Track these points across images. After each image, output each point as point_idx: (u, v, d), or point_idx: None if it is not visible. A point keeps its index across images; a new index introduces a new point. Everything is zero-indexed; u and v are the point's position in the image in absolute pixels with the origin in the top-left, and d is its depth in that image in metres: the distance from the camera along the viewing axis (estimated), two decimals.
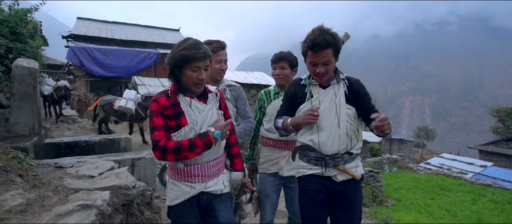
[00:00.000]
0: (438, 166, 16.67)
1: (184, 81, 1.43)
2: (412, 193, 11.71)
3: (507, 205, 10.44)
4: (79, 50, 14.52)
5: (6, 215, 1.14)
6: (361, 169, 1.75)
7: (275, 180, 2.20)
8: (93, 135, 6.57)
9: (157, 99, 1.43)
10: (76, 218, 1.11)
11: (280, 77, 2.17)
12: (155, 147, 1.35)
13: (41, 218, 1.14)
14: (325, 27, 1.61)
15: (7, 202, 1.21)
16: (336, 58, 1.64)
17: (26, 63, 3.88)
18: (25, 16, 5.08)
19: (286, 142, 2.14)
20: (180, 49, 1.39)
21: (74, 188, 1.53)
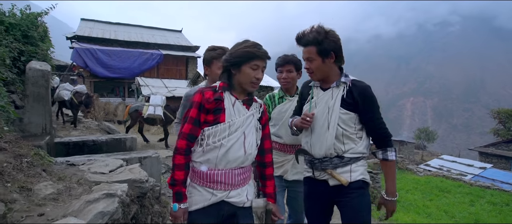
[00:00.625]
0: (438, 167, 16.79)
1: (240, 79, 1.42)
2: (411, 194, 11.83)
3: (505, 206, 10.56)
4: (83, 51, 14.77)
5: (42, 202, 1.33)
6: (357, 175, 1.63)
7: (280, 183, 2.18)
8: (99, 135, 6.77)
9: (203, 91, 1.43)
10: (103, 205, 1.30)
11: (287, 81, 2.15)
12: (179, 138, 1.40)
13: (72, 204, 1.33)
14: (321, 26, 1.60)
15: (41, 191, 1.40)
16: (322, 57, 1.60)
17: (39, 65, 4.08)
18: (36, 19, 5.28)
19: (291, 146, 2.14)
20: (242, 46, 1.42)
21: (95, 181, 1.73)
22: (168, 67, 17.46)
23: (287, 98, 2.19)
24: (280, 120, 2.15)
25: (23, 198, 1.30)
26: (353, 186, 1.62)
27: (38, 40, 5.18)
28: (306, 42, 1.61)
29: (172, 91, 13.87)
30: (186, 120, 1.40)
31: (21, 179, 1.46)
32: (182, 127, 1.41)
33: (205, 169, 1.41)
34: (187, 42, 19.74)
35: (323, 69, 1.63)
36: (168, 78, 16.48)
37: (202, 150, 1.40)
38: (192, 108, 1.40)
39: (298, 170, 2.11)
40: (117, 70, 15.59)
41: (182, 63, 18.17)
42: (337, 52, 1.62)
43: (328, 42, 1.58)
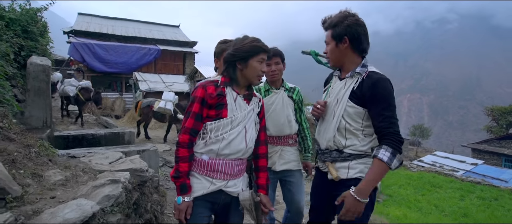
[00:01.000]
0: (431, 163, 17.10)
1: (247, 73, 1.45)
2: (403, 189, 12.08)
3: (493, 201, 10.85)
4: (80, 46, 14.79)
5: (53, 187, 1.47)
6: (355, 172, 1.53)
7: (269, 174, 2.19)
8: (97, 129, 6.89)
9: (205, 86, 1.44)
10: (108, 189, 1.44)
11: (275, 73, 2.13)
12: (181, 133, 1.42)
13: (81, 189, 1.47)
14: (346, 10, 1.56)
15: (51, 178, 1.54)
16: (335, 41, 1.54)
17: (40, 60, 4.18)
18: (35, 15, 5.37)
19: (277, 137, 2.17)
20: (249, 41, 1.45)
21: (99, 170, 1.87)
22: (165, 62, 17.51)
23: (273, 91, 2.18)
24: (266, 112, 2.12)
25: (36, 183, 1.44)
26: (349, 183, 1.48)
27: (37, 35, 5.28)
28: (327, 25, 1.58)
29: (169, 86, 13.97)
30: (189, 114, 1.42)
31: (32, 167, 1.60)
32: (185, 121, 1.43)
33: (206, 158, 1.45)
34: (184, 38, 19.76)
35: (336, 54, 1.56)
36: (166, 73, 16.55)
37: (205, 143, 1.44)
38: (194, 103, 1.41)
39: (286, 160, 2.16)
40: (114, 64, 15.63)
41: (179, 58, 18.22)
42: (352, 38, 1.50)
43: (343, 26, 1.50)
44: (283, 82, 2.23)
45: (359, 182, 1.44)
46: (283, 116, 2.14)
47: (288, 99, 2.19)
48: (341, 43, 1.53)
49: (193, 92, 1.47)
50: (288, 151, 2.18)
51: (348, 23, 1.50)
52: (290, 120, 2.16)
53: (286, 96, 2.19)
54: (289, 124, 2.16)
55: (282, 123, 2.14)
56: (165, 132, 8.80)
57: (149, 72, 16.04)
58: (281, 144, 2.17)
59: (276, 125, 2.13)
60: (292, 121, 2.18)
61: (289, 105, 2.18)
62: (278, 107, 2.14)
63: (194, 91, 1.46)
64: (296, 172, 2.22)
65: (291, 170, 2.19)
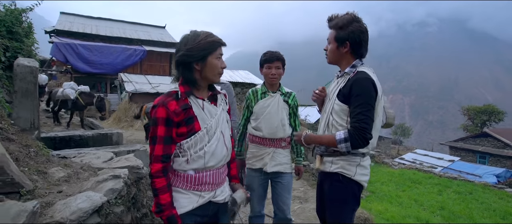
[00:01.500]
0: (411, 161, 17.80)
1: (207, 72, 1.32)
2: (385, 186, 12.53)
3: (468, 195, 11.49)
4: (63, 46, 14.45)
5: (58, 182, 1.58)
6: (336, 167, 1.64)
7: (260, 175, 2.25)
8: (84, 130, 6.84)
9: (165, 103, 1.25)
10: (111, 183, 1.56)
11: (275, 77, 2.15)
12: (152, 162, 1.26)
13: (84, 184, 1.59)
14: (352, 14, 1.64)
15: (54, 174, 1.64)
16: (337, 43, 1.61)
17: (27, 62, 4.17)
18: (20, 15, 5.31)
19: (270, 139, 2.20)
20: (203, 37, 1.30)
21: (97, 167, 1.97)
22: (151, 63, 17.36)
23: (269, 94, 2.21)
24: (261, 115, 2.20)
25: (42, 179, 1.54)
26: (331, 177, 1.64)
27: (23, 36, 5.23)
28: (332, 25, 1.64)
29: (156, 87, 13.88)
30: (155, 140, 1.25)
31: (34, 165, 1.69)
32: (152, 149, 1.26)
33: (192, 173, 1.34)
34: (170, 39, 19.65)
35: (335, 54, 1.65)
36: (152, 75, 16.42)
37: (186, 161, 1.31)
38: (158, 126, 1.25)
39: (277, 162, 2.20)
40: (99, 65, 15.35)
41: (165, 59, 18.10)
42: (353, 43, 1.59)
43: (347, 31, 1.58)
44: (280, 87, 2.27)
45: (341, 177, 1.61)
46: (277, 119, 2.18)
47: (284, 103, 2.23)
48: (342, 47, 1.61)
49: (151, 113, 1.29)
50: (280, 153, 2.23)
51: (352, 28, 1.57)
52: (283, 124, 2.20)
53: (282, 100, 2.22)
54: (282, 127, 2.19)
55: (275, 126, 2.18)
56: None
57: (135, 73, 15.87)
58: (273, 146, 2.20)
59: (270, 127, 2.18)
60: (285, 125, 2.21)
61: (284, 109, 2.22)
62: (273, 110, 2.18)
63: (153, 111, 1.27)
64: (286, 175, 2.27)
65: (281, 172, 2.24)
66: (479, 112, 26.89)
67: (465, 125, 28.45)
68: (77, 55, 14.78)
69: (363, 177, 1.63)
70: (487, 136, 21.83)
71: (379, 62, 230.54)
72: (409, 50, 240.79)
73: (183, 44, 1.31)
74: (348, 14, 1.61)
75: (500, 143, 20.83)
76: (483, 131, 23.11)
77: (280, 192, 2.27)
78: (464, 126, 28.54)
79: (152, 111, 1.28)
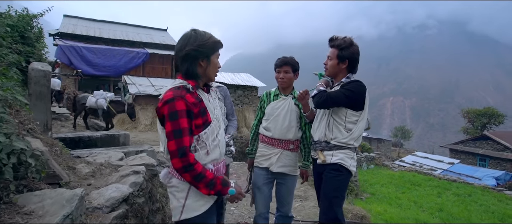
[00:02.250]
0: (411, 163, 17.93)
1: (209, 69, 1.41)
2: (385, 188, 12.69)
3: (467, 197, 11.62)
4: (68, 49, 14.67)
5: (85, 177, 1.76)
6: (336, 159, 1.97)
7: (267, 174, 2.32)
8: (92, 132, 7.01)
9: (183, 96, 1.28)
10: (133, 178, 1.73)
11: (284, 81, 2.27)
12: (184, 155, 1.25)
13: (109, 178, 1.76)
14: (350, 38, 2.02)
15: (81, 170, 1.82)
16: (338, 60, 2.00)
17: (41, 66, 4.36)
18: (31, 20, 5.50)
19: (279, 140, 2.28)
20: (209, 38, 1.39)
21: (117, 165, 2.15)
22: (153, 66, 17.56)
23: (281, 97, 2.33)
24: (272, 116, 2.31)
25: (72, 174, 1.72)
26: (331, 167, 1.99)
27: (34, 41, 5.42)
28: (333, 44, 2.04)
29: (158, 90, 14.08)
30: (181, 132, 1.26)
31: (63, 162, 1.87)
32: (180, 142, 1.26)
33: (211, 167, 1.38)
34: (172, 41, 19.86)
35: (334, 68, 2.04)
36: (154, 77, 16.62)
37: (206, 152, 1.36)
38: (180, 118, 1.26)
39: (284, 163, 2.28)
40: (102, 68, 15.56)
41: (168, 62, 18.31)
42: (351, 61, 2.01)
43: (347, 52, 1.99)
44: (292, 90, 2.36)
45: (339, 166, 1.98)
46: (286, 121, 2.27)
47: (294, 107, 2.30)
48: (342, 63, 2.01)
49: (169, 107, 1.27)
50: (287, 155, 2.30)
51: (352, 50, 1.99)
52: (292, 126, 2.28)
53: (293, 104, 2.30)
54: (291, 129, 2.28)
55: (284, 128, 2.27)
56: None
57: (138, 75, 16.06)
58: (281, 147, 2.28)
59: (279, 128, 2.27)
60: (294, 127, 2.29)
61: (294, 112, 2.29)
62: (283, 112, 2.27)
63: (172, 105, 1.27)
64: (291, 177, 2.34)
65: (286, 174, 2.31)
66: (479, 115, 27.00)
67: (465, 128, 28.55)
68: (81, 57, 15.00)
69: (353, 168, 2.05)
70: (487, 139, 21.95)
71: (378, 64, 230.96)
72: (409, 52, 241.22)
73: (191, 40, 1.36)
74: (347, 38, 2.02)
75: (500, 146, 20.95)
76: (483, 134, 23.21)
77: (283, 194, 2.36)
78: (464, 129, 28.63)
79: (169, 105, 1.26)
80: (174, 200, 1.38)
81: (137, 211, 1.58)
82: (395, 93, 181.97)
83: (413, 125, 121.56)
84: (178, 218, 1.35)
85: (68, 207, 1.16)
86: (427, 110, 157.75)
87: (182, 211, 1.35)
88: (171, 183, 1.38)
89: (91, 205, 1.37)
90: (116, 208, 1.43)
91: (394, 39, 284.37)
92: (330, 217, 1.95)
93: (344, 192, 2.06)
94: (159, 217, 2.28)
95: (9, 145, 1.16)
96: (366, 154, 17.69)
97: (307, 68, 33.27)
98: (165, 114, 1.27)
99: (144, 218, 1.70)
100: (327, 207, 1.98)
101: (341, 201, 2.02)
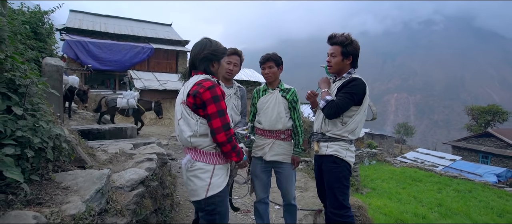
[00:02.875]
0: (413, 159, 18.02)
1: (220, 70, 1.74)
2: (386, 183, 12.82)
3: (467, 193, 11.72)
4: (74, 43, 14.92)
5: (104, 162, 1.96)
6: (330, 150, 2.11)
7: (262, 163, 2.48)
8: (101, 125, 7.25)
9: (219, 84, 1.65)
10: (147, 164, 1.92)
11: (269, 75, 2.44)
12: (228, 129, 1.56)
13: (125, 164, 1.96)
14: (349, 34, 2.10)
15: (100, 157, 2.02)
16: (342, 57, 2.07)
17: (54, 61, 4.57)
18: (43, 17, 5.69)
19: (270, 131, 2.45)
20: (219, 46, 1.71)
21: (130, 153, 2.35)
22: (158, 60, 17.77)
23: (269, 91, 2.50)
24: (261, 109, 2.48)
25: (92, 160, 1.92)
26: (327, 159, 2.14)
27: (45, 37, 5.62)
28: (334, 42, 2.10)
29: (163, 85, 14.31)
30: (223, 112, 1.56)
31: (83, 149, 2.07)
32: (224, 119, 1.56)
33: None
34: (177, 36, 20.04)
35: (339, 65, 2.12)
36: (159, 72, 16.84)
37: None
38: (221, 101, 1.57)
39: (276, 152, 2.43)
40: (108, 62, 15.80)
41: (172, 57, 18.51)
42: (354, 57, 2.11)
43: (351, 47, 2.07)
44: (279, 83, 2.51)
45: (334, 158, 2.11)
46: (274, 112, 2.41)
47: (282, 99, 2.44)
48: (346, 59, 2.10)
49: (211, 92, 1.55)
50: (279, 144, 2.44)
51: (355, 46, 2.08)
52: (281, 117, 2.41)
53: (280, 96, 2.44)
54: (280, 120, 2.41)
55: (273, 119, 2.41)
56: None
57: (142, 70, 16.29)
58: (273, 137, 2.44)
59: (268, 120, 2.43)
60: (283, 118, 2.42)
61: (282, 103, 2.44)
62: (271, 105, 2.43)
63: (214, 90, 1.56)
64: (285, 164, 2.47)
65: (280, 162, 2.45)
66: (483, 112, 26.88)
67: (469, 125, 28.46)
68: (87, 52, 15.24)
69: (351, 158, 2.14)
70: (490, 136, 21.92)
71: (383, 59, 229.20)
72: (414, 48, 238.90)
73: (207, 45, 1.67)
74: (346, 34, 2.09)
75: (503, 143, 20.92)
76: (486, 131, 23.16)
77: (282, 182, 2.51)
78: (468, 126, 28.55)
79: (211, 91, 1.55)
80: (198, 181, 1.60)
81: (152, 193, 1.77)
82: (400, 89, 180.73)
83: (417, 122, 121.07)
84: (204, 196, 1.59)
85: (98, 183, 1.36)
86: (432, 107, 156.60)
87: (208, 188, 1.58)
88: (195, 167, 1.60)
89: (114, 185, 1.56)
90: (135, 188, 1.62)
91: (400, 35, 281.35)
92: (335, 206, 2.10)
93: (346, 181, 2.16)
94: (169, 202, 2.48)
95: (49, 131, 1.36)
96: (368, 150, 17.82)
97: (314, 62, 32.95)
98: (209, 98, 1.54)
99: (157, 200, 1.90)
100: (332, 197, 2.13)
101: (345, 190, 2.14)
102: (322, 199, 2.40)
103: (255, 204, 2.60)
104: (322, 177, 2.24)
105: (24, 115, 1.28)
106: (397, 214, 7.82)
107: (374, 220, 4.92)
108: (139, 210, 1.62)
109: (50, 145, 1.34)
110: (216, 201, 1.58)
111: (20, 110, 1.26)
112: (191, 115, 1.57)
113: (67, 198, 1.25)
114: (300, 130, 2.47)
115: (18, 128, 1.19)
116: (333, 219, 2.13)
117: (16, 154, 1.13)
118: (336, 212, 2.10)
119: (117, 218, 1.41)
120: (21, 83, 1.38)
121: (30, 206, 1.14)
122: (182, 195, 3.46)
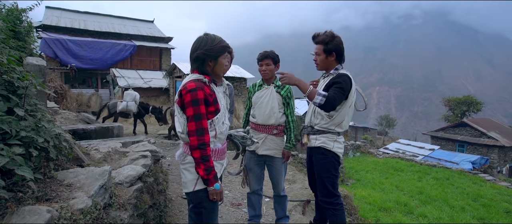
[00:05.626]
0: (395, 150, 18.70)
1: (217, 68, 1.68)
2: (370, 174, 13.28)
3: (445, 180, 12.36)
4: (52, 42, 14.40)
5: (99, 161, 1.99)
6: (318, 142, 2.22)
7: (255, 156, 2.57)
8: (81, 125, 7.11)
9: (202, 87, 1.56)
10: (142, 161, 1.98)
11: (266, 72, 2.49)
12: (201, 135, 1.52)
13: (120, 162, 2.01)
14: (332, 32, 2.14)
15: (95, 155, 2.05)
16: (325, 54, 2.14)
17: (36, 61, 4.44)
18: (20, 15, 5.50)
19: (264, 126, 2.53)
20: (218, 42, 1.66)
21: (123, 151, 2.39)
22: (142, 58, 17.44)
23: (264, 87, 2.56)
24: (256, 104, 2.56)
25: (87, 158, 1.95)
26: (316, 151, 2.26)
27: (24, 35, 5.44)
28: (317, 41, 2.18)
29: (148, 82, 14.11)
30: (201, 116, 1.53)
31: (78, 148, 2.10)
32: (200, 123, 1.53)
33: (220, 145, 1.69)
34: (160, 33, 19.70)
35: (324, 62, 2.20)
36: (142, 69, 16.55)
37: (215, 135, 1.64)
38: (200, 105, 1.53)
39: (268, 147, 2.51)
40: (89, 61, 15.36)
41: (156, 54, 18.21)
42: (338, 53, 2.17)
43: (332, 44, 2.14)
44: (274, 80, 2.57)
45: (322, 150, 2.22)
46: (268, 107, 2.49)
47: (276, 94, 2.50)
48: (330, 56, 2.18)
49: (191, 95, 1.54)
50: (271, 139, 2.52)
51: (336, 42, 2.14)
52: (274, 112, 2.49)
53: (274, 92, 2.51)
54: (273, 115, 2.48)
55: (267, 114, 2.49)
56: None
57: (125, 68, 15.96)
58: (266, 132, 2.51)
59: (262, 115, 2.51)
60: (276, 113, 2.49)
61: (276, 99, 2.50)
62: (265, 100, 2.50)
63: (194, 94, 1.54)
64: (277, 159, 2.56)
65: (272, 156, 2.54)
66: (459, 103, 28.16)
67: (446, 116, 29.77)
68: (67, 50, 14.75)
69: (339, 149, 2.26)
70: (466, 126, 23.05)
71: (365, 54, 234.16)
72: (395, 42, 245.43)
73: (202, 44, 1.64)
74: (329, 32, 2.17)
75: (477, 132, 22.06)
76: (462, 121, 24.32)
77: (273, 174, 2.62)
78: (445, 117, 29.84)
79: (192, 94, 1.53)
80: (188, 174, 1.62)
81: (149, 188, 1.84)
82: (381, 82, 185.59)
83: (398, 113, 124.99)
84: (192, 189, 1.61)
85: (101, 179, 1.42)
86: (412, 99, 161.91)
87: (196, 183, 1.60)
88: (186, 160, 1.64)
89: (114, 181, 1.61)
90: (134, 184, 1.69)
91: (381, 29, 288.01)
92: (325, 194, 2.24)
93: (335, 171, 2.28)
94: (162, 198, 2.54)
95: (50, 130, 1.39)
96: (352, 142, 18.30)
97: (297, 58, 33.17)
98: (188, 101, 1.54)
99: (154, 195, 1.96)
100: (322, 186, 2.26)
101: (334, 179, 2.26)
102: (313, 188, 2.54)
103: (248, 195, 2.71)
104: (313, 168, 2.37)
105: (25, 116, 1.31)
106: (381, 203, 8.17)
107: (359, 209, 5.15)
108: (139, 204, 1.68)
109: (51, 144, 1.38)
110: (203, 196, 1.59)
111: (22, 111, 1.29)
112: (181, 113, 1.60)
113: (72, 194, 1.30)
114: (292, 125, 2.55)
115: (22, 129, 1.23)
116: (324, 206, 2.27)
117: (21, 153, 1.17)
118: (326, 200, 2.25)
119: (121, 211, 1.48)
120: (20, 85, 1.40)
121: (40, 202, 1.19)
122: (174, 191, 3.52)
